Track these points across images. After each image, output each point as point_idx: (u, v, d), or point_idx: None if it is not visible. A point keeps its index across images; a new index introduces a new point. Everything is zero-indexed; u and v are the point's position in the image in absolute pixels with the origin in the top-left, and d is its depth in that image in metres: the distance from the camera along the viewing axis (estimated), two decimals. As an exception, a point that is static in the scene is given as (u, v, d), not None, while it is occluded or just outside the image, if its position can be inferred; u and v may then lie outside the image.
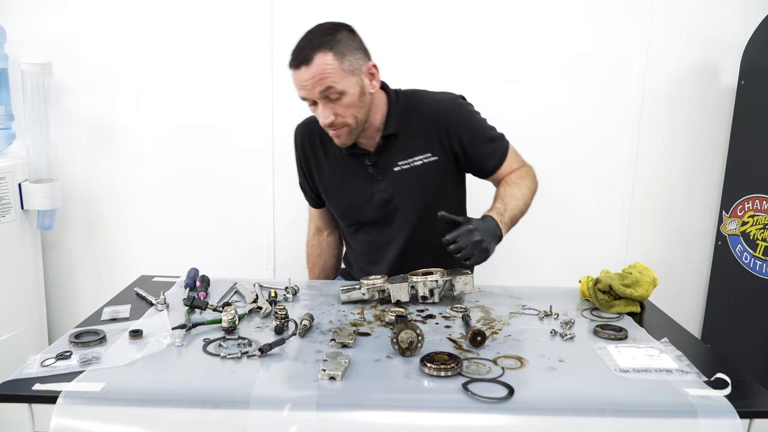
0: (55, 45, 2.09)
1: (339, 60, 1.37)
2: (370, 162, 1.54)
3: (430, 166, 1.54)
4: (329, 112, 1.40)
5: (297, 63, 1.38)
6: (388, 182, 1.55)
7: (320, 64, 1.35)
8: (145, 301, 1.38)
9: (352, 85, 1.40)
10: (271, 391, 0.97)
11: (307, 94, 1.40)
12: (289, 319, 1.23)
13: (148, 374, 1.03)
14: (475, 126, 1.54)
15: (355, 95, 1.41)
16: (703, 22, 2.12)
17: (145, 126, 2.18)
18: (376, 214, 1.59)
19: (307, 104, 1.45)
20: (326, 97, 1.38)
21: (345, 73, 1.38)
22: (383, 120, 1.53)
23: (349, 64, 1.39)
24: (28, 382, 0.98)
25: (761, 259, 1.95)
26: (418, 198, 1.55)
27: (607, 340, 1.21)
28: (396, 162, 1.54)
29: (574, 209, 2.24)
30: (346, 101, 1.40)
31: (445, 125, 1.51)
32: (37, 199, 2.00)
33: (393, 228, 1.60)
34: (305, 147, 1.63)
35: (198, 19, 2.11)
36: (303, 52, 1.37)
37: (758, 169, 1.98)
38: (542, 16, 2.11)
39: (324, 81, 1.36)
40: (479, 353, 1.13)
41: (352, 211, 1.62)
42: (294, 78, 1.41)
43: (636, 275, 1.41)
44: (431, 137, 1.52)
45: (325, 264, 1.80)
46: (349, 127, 1.45)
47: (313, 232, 1.81)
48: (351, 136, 1.47)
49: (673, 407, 0.96)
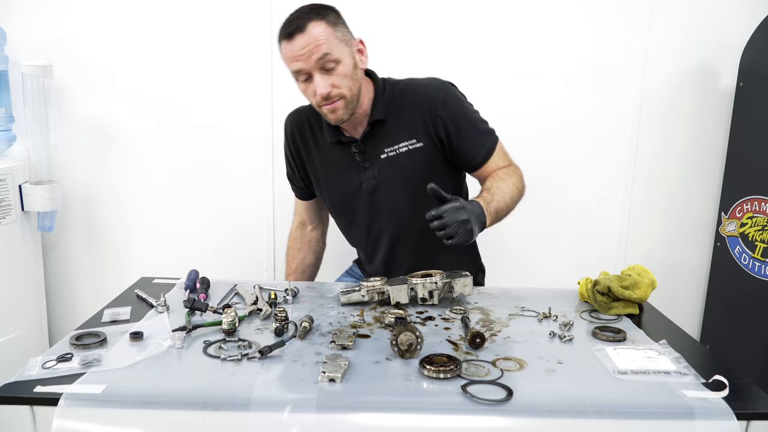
0: (55, 47, 2.10)
1: (332, 28, 1.38)
2: (356, 149, 1.53)
3: (416, 152, 1.51)
4: (326, 83, 1.38)
5: (290, 32, 1.36)
6: (375, 170, 1.53)
7: (315, 31, 1.35)
8: (146, 303, 1.38)
9: (347, 55, 1.40)
10: (271, 393, 0.98)
11: (302, 65, 1.37)
12: (289, 321, 1.23)
13: (148, 376, 1.03)
14: (462, 113, 1.50)
15: (349, 65, 1.41)
16: (701, 24, 2.12)
17: (145, 128, 2.19)
18: (366, 204, 1.57)
19: (299, 81, 1.42)
20: (322, 67, 1.37)
21: (339, 41, 1.38)
22: (370, 106, 1.51)
23: (341, 34, 1.40)
24: (30, 384, 0.98)
25: (760, 260, 1.95)
26: (404, 186, 1.53)
27: (605, 341, 1.21)
28: (383, 149, 1.52)
29: (573, 211, 2.24)
30: (341, 70, 1.39)
31: (430, 110, 1.48)
32: (37, 200, 2.01)
33: (381, 219, 1.58)
34: (295, 135, 1.62)
35: (197, 21, 2.12)
36: (296, 23, 1.36)
37: (757, 170, 1.99)
38: (541, 19, 2.12)
39: (320, 48, 1.35)
40: (478, 355, 1.13)
41: (343, 201, 1.60)
42: (287, 51, 1.38)
43: (635, 277, 1.41)
44: (417, 123, 1.49)
45: (303, 260, 1.77)
46: (345, 100, 1.42)
47: (296, 225, 1.80)
48: (347, 110, 1.44)
49: (670, 409, 0.96)
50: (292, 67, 1.40)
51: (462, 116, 1.50)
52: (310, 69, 1.37)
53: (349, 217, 1.64)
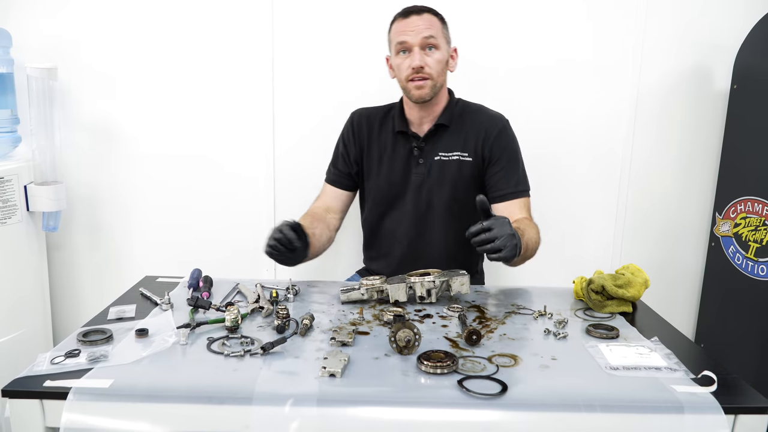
0: (60, 49, 2.12)
1: (442, 24, 1.63)
2: (416, 145, 1.68)
3: (465, 164, 1.67)
4: (422, 58, 1.58)
5: (408, 12, 1.61)
6: (426, 168, 1.68)
7: (428, 18, 1.60)
8: (150, 301, 1.41)
9: (445, 49, 1.63)
10: (273, 388, 1.01)
11: (409, 38, 1.58)
12: (290, 318, 1.26)
13: (154, 371, 1.06)
14: (511, 150, 1.67)
15: (444, 57, 1.62)
16: (696, 26, 2.14)
17: (149, 129, 2.21)
18: (409, 197, 1.70)
19: (397, 55, 1.61)
20: (425, 46, 1.58)
21: (443, 36, 1.62)
22: (440, 111, 1.68)
23: (446, 33, 1.64)
24: (39, 379, 1.01)
25: (753, 260, 1.98)
26: (447, 191, 1.67)
27: (599, 338, 1.24)
28: (438, 152, 1.68)
29: (568, 211, 2.26)
30: (437, 56, 1.59)
31: (486, 132, 1.66)
32: (42, 200, 2.03)
33: (417, 213, 1.70)
34: (362, 124, 1.76)
35: (201, 23, 2.14)
36: (415, 7, 1.61)
37: (750, 171, 2.01)
38: (536, 20, 2.13)
39: (430, 29, 1.58)
40: (474, 351, 1.16)
41: (388, 188, 1.72)
42: (399, 26, 1.61)
43: (628, 276, 1.44)
44: (471, 140, 1.67)
45: (320, 235, 1.63)
46: (433, 81, 1.60)
47: (319, 205, 1.76)
48: (432, 91, 1.61)
49: (660, 403, 0.99)
50: (397, 39, 1.60)
51: (509, 152, 1.67)
52: (414, 44, 1.57)
53: (385, 207, 1.75)
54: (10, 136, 2.07)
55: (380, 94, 1.86)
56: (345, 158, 1.77)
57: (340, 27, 2.13)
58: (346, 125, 1.80)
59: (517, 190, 1.65)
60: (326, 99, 2.17)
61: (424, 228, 1.71)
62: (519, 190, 1.65)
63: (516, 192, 1.64)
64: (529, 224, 1.58)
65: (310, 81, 2.17)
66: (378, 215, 1.77)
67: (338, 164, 1.78)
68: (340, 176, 1.78)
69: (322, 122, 2.12)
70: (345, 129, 1.79)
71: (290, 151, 2.22)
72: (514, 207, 1.63)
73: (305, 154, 2.19)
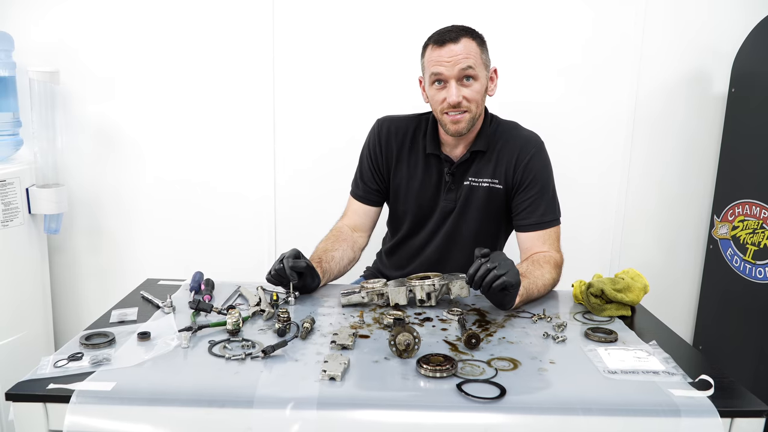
0: (61, 53, 2.13)
1: (480, 49, 1.51)
2: (449, 170, 1.61)
3: (494, 192, 1.60)
4: (460, 93, 1.48)
5: (443, 41, 1.47)
6: (456, 194, 1.62)
7: (466, 45, 1.47)
8: (152, 304, 1.41)
9: (484, 76, 1.52)
10: (274, 391, 1.01)
11: (446, 70, 1.46)
12: (291, 321, 1.27)
13: (156, 374, 1.07)
14: (542, 176, 1.59)
15: (483, 87, 1.52)
16: (694, 30, 2.15)
17: (150, 132, 2.22)
18: (437, 221, 1.65)
19: (432, 86, 1.51)
20: (462, 77, 1.48)
21: (482, 63, 1.51)
22: (475, 134, 1.60)
23: (485, 57, 1.53)
24: (43, 382, 1.02)
25: (751, 263, 1.99)
26: (475, 218, 1.62)
27: (597, 342, 1.24)
28: (469, 176, 1.61)
29: (567, 214, 2.26)
30: (476, 87, 1.49)
31: (518, 157, 1.58)
32: (44, 203, 2.04)
33: (441, 238, 1.65)
34: (390, 138, 1.65)
35: (203, 26, 2.15)
36: (451, 34, 1.48)
37: (748, 174, 2.02)
38: (536, 24, 2.14)
39: (468, 60, 1.46)
40: (474, 355, 1.17)
41: (417, 209, 1.66)
42: (434, 55, 1.49)
43: (627, 281, 1.44)
44: (503, 165, 1.59)
45: (343, 254, 1.62)
46: (471, 114, 1.51)
47: (345, 224, 1.72)
48: (469, 125, 1.52)
49: (657, 407, 1.00)
50: (432, 70, 1.49)
51: (540, 178, 1.59)
52: (450, 76, 1.47)
53: (411, 227, 1.69)
54: (12, 139, 2.08)
55: (385, 107, 1.82)
56: (372, 171, 1.68)
57: (345, 37, 2.14)
58: (372, 135, 1.69)
59: (542, 221, 1.58)
60: (330, 102, 2.18)
61: (447, 253, 1.67)
62: (544, 221, 1.58)
63: (540, 223, 1.58)
64: (542, 265, 1.50)
65: (309, 81, 2.18)
66: (403, 234, 1.73)
67: (365, 178, 1.69)
68: (368, 192, 1.70)
69: (325, 129, 2.13)
70: (371, 139, 1.68)
71: (290, 156, 2.23)
72: (536, 239, 1.58)
73: (307, 158, 2.21)
